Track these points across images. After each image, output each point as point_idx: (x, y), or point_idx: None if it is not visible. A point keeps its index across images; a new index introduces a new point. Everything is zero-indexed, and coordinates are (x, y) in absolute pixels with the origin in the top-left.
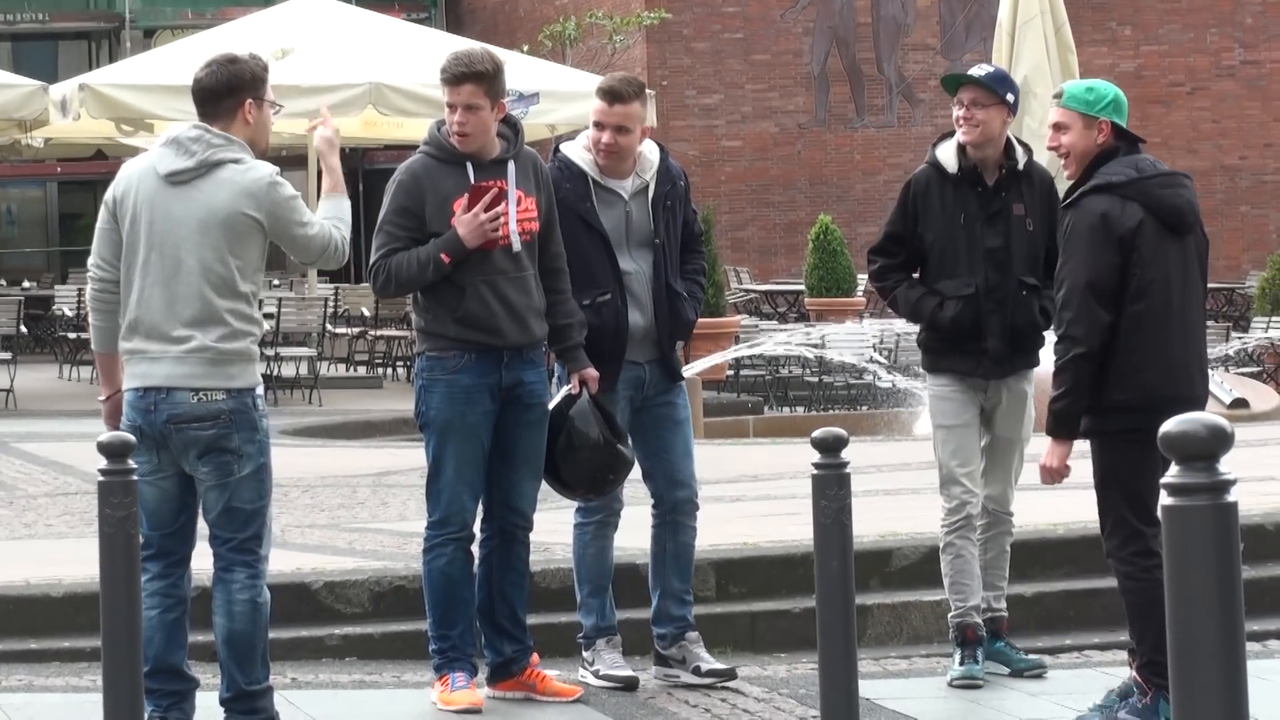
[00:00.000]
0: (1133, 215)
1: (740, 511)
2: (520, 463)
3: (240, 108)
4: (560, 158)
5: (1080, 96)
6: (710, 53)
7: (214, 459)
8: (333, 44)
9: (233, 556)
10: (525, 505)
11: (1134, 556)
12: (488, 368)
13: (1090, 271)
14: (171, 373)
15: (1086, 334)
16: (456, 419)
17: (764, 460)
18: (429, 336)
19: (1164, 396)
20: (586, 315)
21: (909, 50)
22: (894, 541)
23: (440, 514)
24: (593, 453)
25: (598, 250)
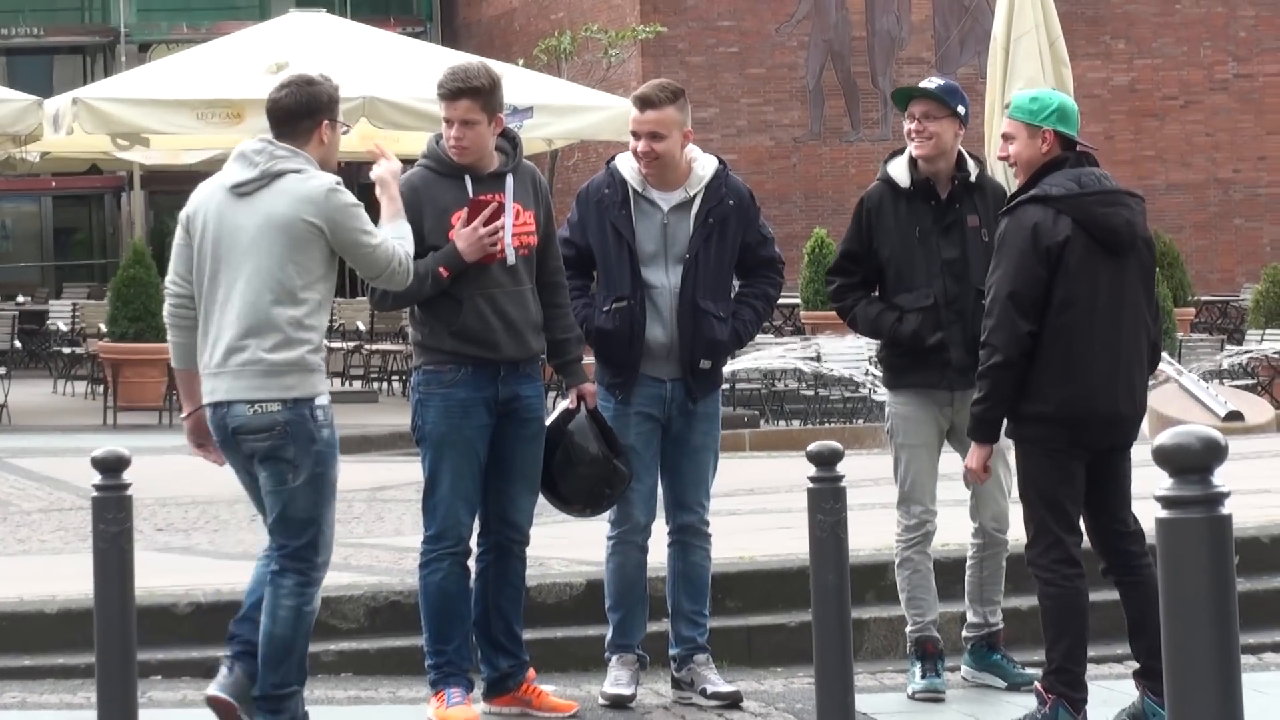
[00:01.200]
0: (1063, 229)
1: (736, 525)
2: (517, 477)
3: (317, 129)
4: (610, 166)
5: (1024, 106)
6: (705, 66)
7: (271, 467)
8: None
9: (285, 562)
10: (522, 520)
11: (1055, 564)
12: (484, 381)
13: (1013, 282)
14: (231, 386)
15: (1005, 343)
16: (453, 433)
17: (760, 474)
18: (425, 350)
19: (1080, 412)
20: (603, 321)
21: (904, 64)
22: (890, 555)
23: (436, 528)
24: (590, 468)
25: (622, 258)
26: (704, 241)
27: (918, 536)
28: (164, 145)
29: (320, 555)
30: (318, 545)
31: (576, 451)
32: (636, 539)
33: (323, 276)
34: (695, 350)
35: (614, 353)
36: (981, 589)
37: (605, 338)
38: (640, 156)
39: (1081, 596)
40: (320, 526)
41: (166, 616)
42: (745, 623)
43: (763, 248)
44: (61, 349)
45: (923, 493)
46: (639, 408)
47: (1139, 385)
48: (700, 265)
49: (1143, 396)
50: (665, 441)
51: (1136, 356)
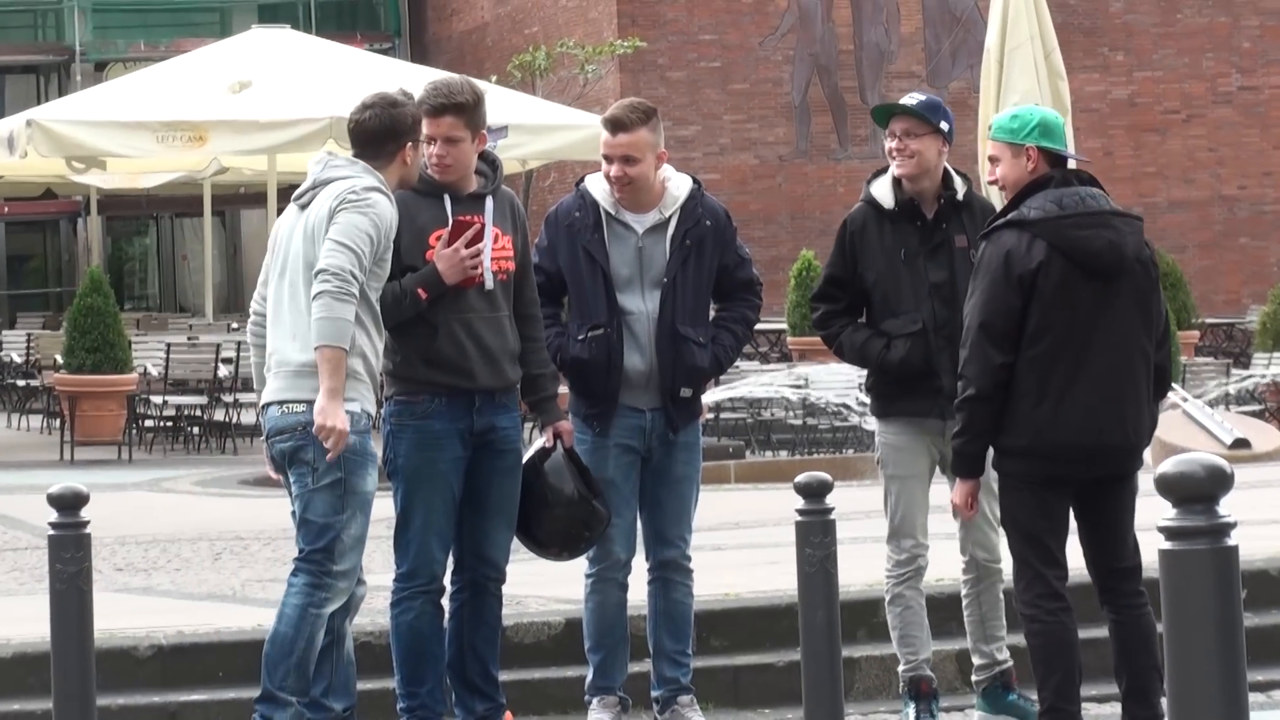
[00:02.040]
0: (1036, 255)
1: (721, 561)
2: (493, 512)
3: (401, 151)
4: (580, 188)
5: (1005, 125)
6: (686, 82)
7: (295, 470)
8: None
9: (299, 564)
10: (498, 556)
11: (1037, 599)
12: (459, 412)
13: (984, 311)
14: (270, 388)
15: (978, 375)
16: (426, 466)
17: (746, 507)
18: (397, 380)
19: (1059, 444)
20: (578, 350)
21: (893, 79)
22: (882, 591)
23: (409, 565)
24: (567, 509)
25: (596, 284)
26: (681, 264)
27: (909, 572)
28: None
29: (337, 563)
30: (334, 552)
31: (552, 493)
32: (617, 576)
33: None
34: (676, 378)
35: (591, 383)
36: (983, 625)
37: (581, 368)
38: (612, 181)
39: (1067, 631)
40: (338, 534)
41: (127, 660)
42: (731, 662)
43: (740, 269)
44: (16, 381)
45: (913, 526)
46: (618, 439)
47: (1133, 414)
48: (679, 289)
49: (1140, 425)
50: (645, 473)
51: (1130, 384)
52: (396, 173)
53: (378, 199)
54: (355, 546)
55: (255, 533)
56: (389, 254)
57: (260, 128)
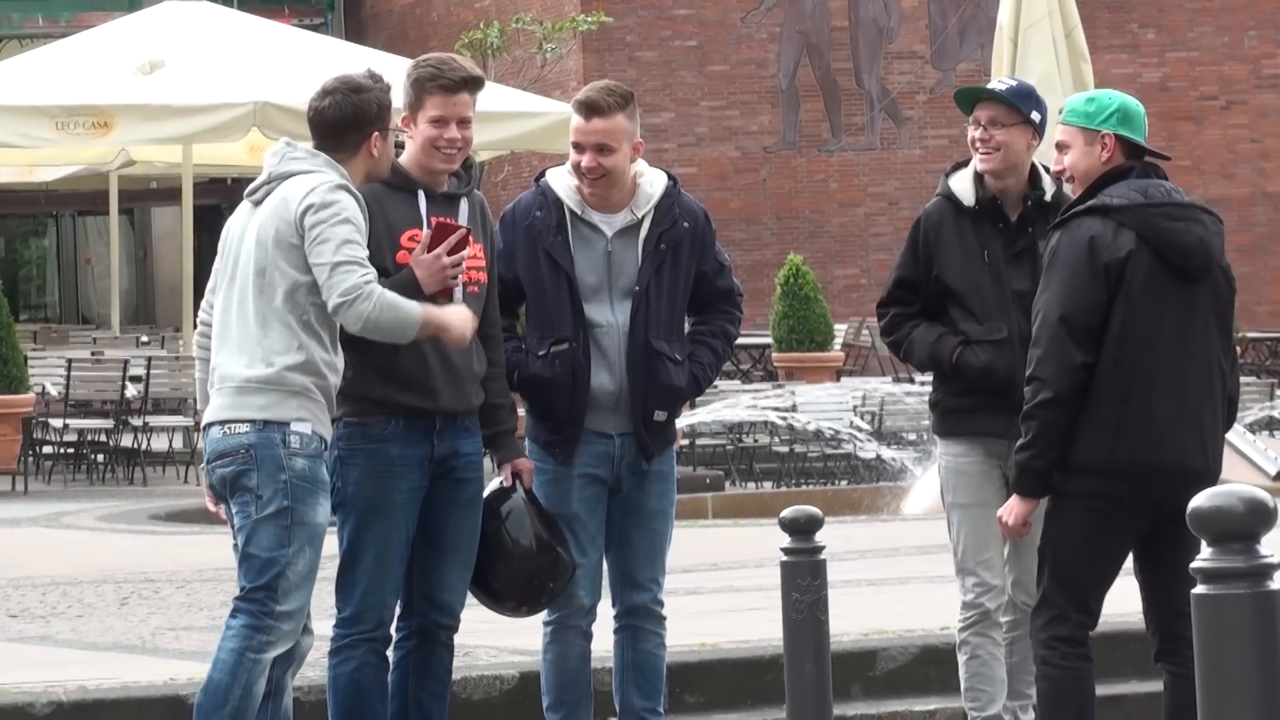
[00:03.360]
0: (1124, 244)
1: (697, 606)
2: (449, 549)
3: (366, 142)
4: (541, 183)
5: (1079, 109)
6: (659, 63)
7: (237, 499)
8: (211, 56)
9: (239, 604)
10: (452, 600)
11: (1055, 641)
12: (417, 437)
13: (1066, 303)
14: (211, 407)
15: (1055, 376)
16: (380, 497)
17: (725, 545)
18: (348, 398)
19: (1137, 462)
20: (539, 367)
21: (893, 59)
22: (879, 640)
23: (353, 609)
24: (524, 560)
25: (560, 292)
26: (655, 271)
27: (975, 615)
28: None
29: (280, 603)
30: (277, 590)
31: (510, 540)
32: (579, 624)
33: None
34: (649, 399)
35: (553, 405)
36: (1010, 679)
37: (543, 387)
38: (584, 173)
39: (1082, 682)
40: (283, 570)
41: (22, 718)
42: None
43: (720, 277)
44: None
45: (979, 561)
46: (583, 469)
47: (1212, 437)
48: (652, 299)
49: (1219, 451)
50: (612, 507)
51: (1209, 402)
52: (362, 166)
53: (344, 199)
54: (302, 585)
55: (167, 574)
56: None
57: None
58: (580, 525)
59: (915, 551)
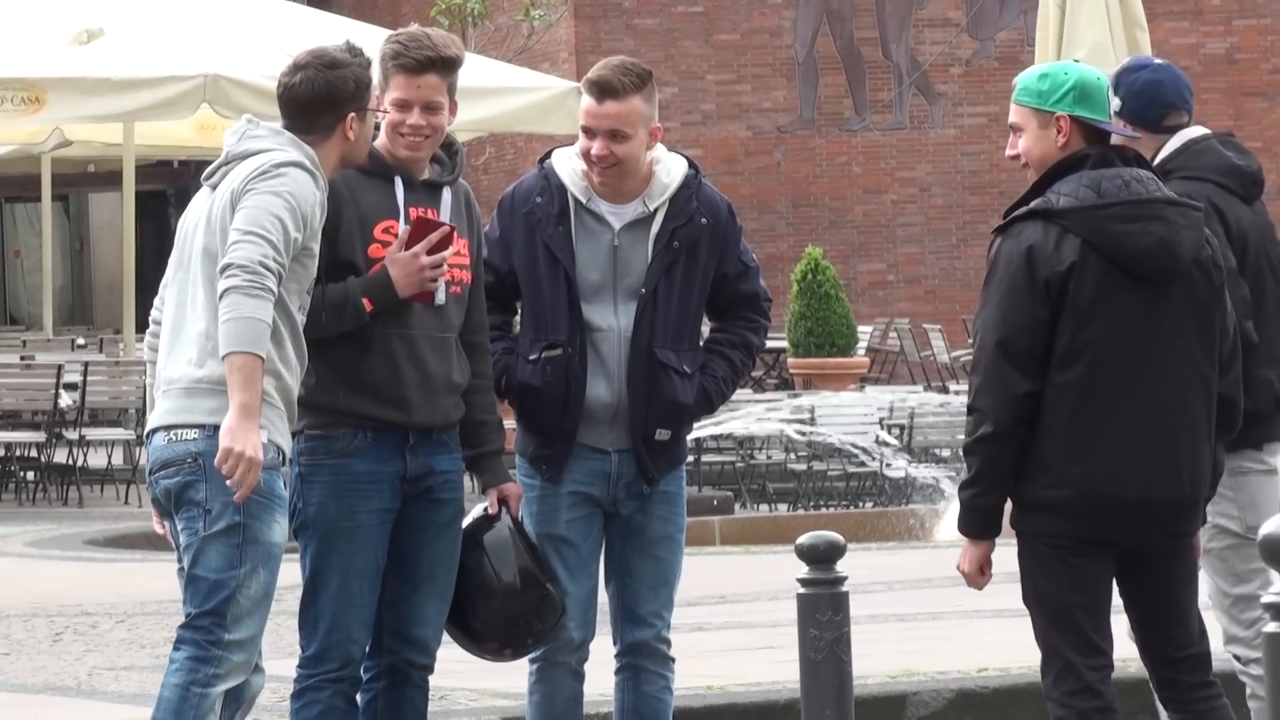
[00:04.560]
0: (1067, 254)
1: (703, 644)
2: (423, 579)
3: (341, 124)
4: (545, 165)
5: (1031, 87)
6: (660, 32)
7: (183, 513)
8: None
9: (183, 633)
10: (427, 636)
11: (1068, 698)
12: (388, 452)
13: (1003, 325)
14: (155, 411)
15: (995, 407)
16: (344, 518)
17: (734, 575)
18: (311, 409)
19: (1099, 496)
20: (529, 374)
21: (924, 27)
22: (909, 684)
23: (318, 647)
24: (508, 598)
25: (557, 290)
26: (666, 271)
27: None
28: None
29: (230, 631)
30: (226, 617)
31: (494, 574)
32: (569, 661)
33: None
34: (649, 415)
35: (544, 416)
36: None
37: (533, 396)
38: (594, 161)
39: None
40: (234, 594)
41: None
42: None
43: (744, 280)
44: None
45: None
46: (574, 487)
47: (1190, 458)
48: (660, 303)
49: (1199, 473)
50: (612, 533)
51: (1185, 421)
52: (336, 150)
53: (295, 175)
54: (255, 611)
55: (105, 607)
56: (315, 245)
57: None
58: (570, 549)
59: (949, 582)
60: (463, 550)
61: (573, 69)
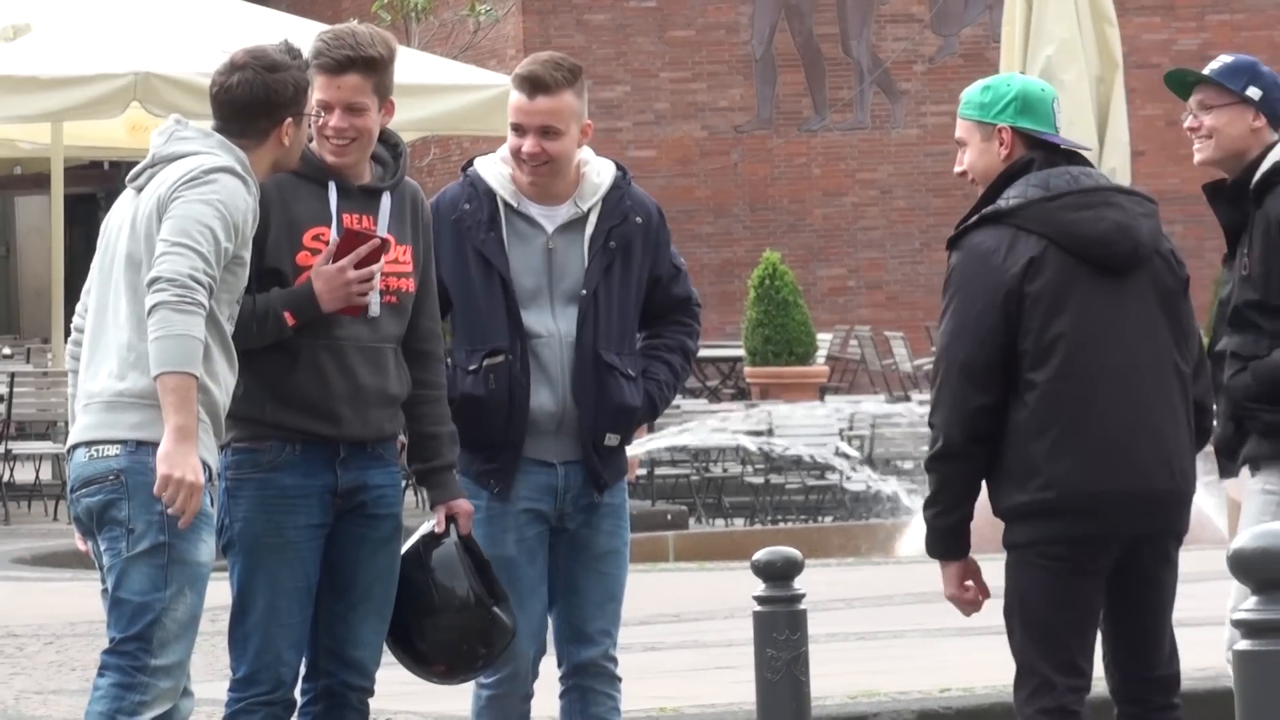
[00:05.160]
0: (1023, 251)
1: (656, 664)
2: (359, 599)
3: (277, 129)
4: (470, 172)
5: (973, 100)
6: (611, 28)
7: (105, 533)
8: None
9: (107, 658)
10: (365, 658)
11: (1041, 715)
12: (318, 465)
13: (961, 340)
14: (76, 426)
15: (948, 423)
16: (272, 534)
17: (689, 593)
18: (237, 421)
19: (1090, 494)
20: (471, 385)
21: (886, 23)
22: (869, 704)
23: (247, 669)
24: (458, 617)
25: (493, 297)
26: (604, 272)
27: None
28: None
29: (156, 656)
30: (152, 641)
31: (441, 594)
32: (518, 688)
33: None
34: (599, 421)
35: (489, 427)
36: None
37: (476, 408)
38: (524, 160)
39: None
40: (159, 618)
41: None
42: None
43: (676, 283)
44: None
45: None
46: (524, 503)
47: (1178, 451)
48: (601, 305)
49: (1187, 468)
50: (556, 549)
51: (1169, 413)
52: (269, 155)
53: (225, 182)
54: (182, 635)
55: (34, 628)
56: (246, 254)
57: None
58: (520, 573)
59: (912, 600)
60: (408, 569)
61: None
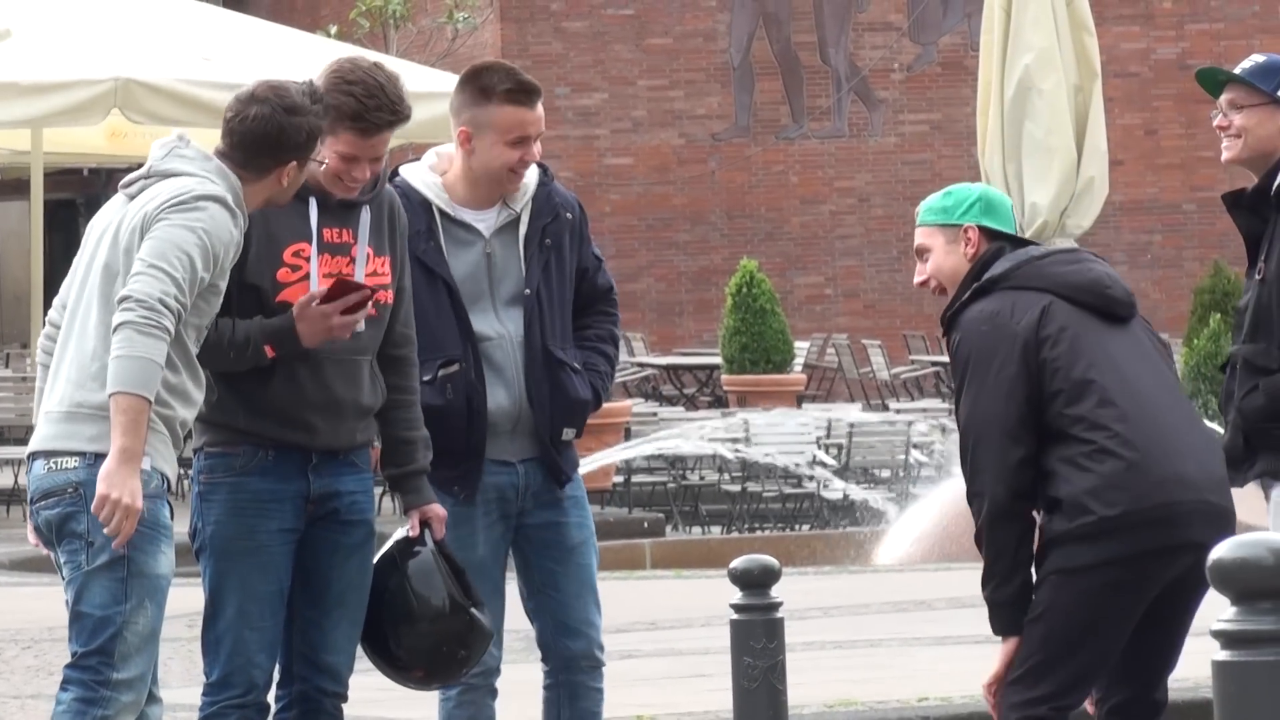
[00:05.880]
0: (1031, 302)
1: (633, 672)
2: (332, 604)
3: (280, 169)
4: (399, 182)
5: (935, 206)
6: (589, 35)
7: (65, 546)
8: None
9: (69, 673)
10: (338, 663)
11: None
12: (289, 470)
13: (986, 404)
14: (36, 434)
15: (990, 484)
16: (244, 538)
17: (665, 600)
18: (210, 426)
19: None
20: (428, 394)
21: (864, 31)
22: (847, 713)
23: (220, 672)
24: (434, 623)
25: (441, 305)
26: (543, 271)
27: None
28: None
29: (118, 670)
30: (114, 655)
31: (418, 600)
32: (490, 684)
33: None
34: (554, 417)
35: (450, 435)
36: None
37: (437, 417)
38: (516, 170)
39: None
40: (120, 631)
41: None
42: None
43: (600, 274)
44: None
45: None
46: (486, 505)
47: (1219, 474)
48: (544, 302)
49: (1229, 490)
50: (525, 546)
51: (1202, 435)
52: (265, 191)
53: (213, 211)
54: (144, 647)
55: (12, 633)
56: (222, 283)
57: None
58: (489, 573)
59: (889, 609)
60: (384, 575)
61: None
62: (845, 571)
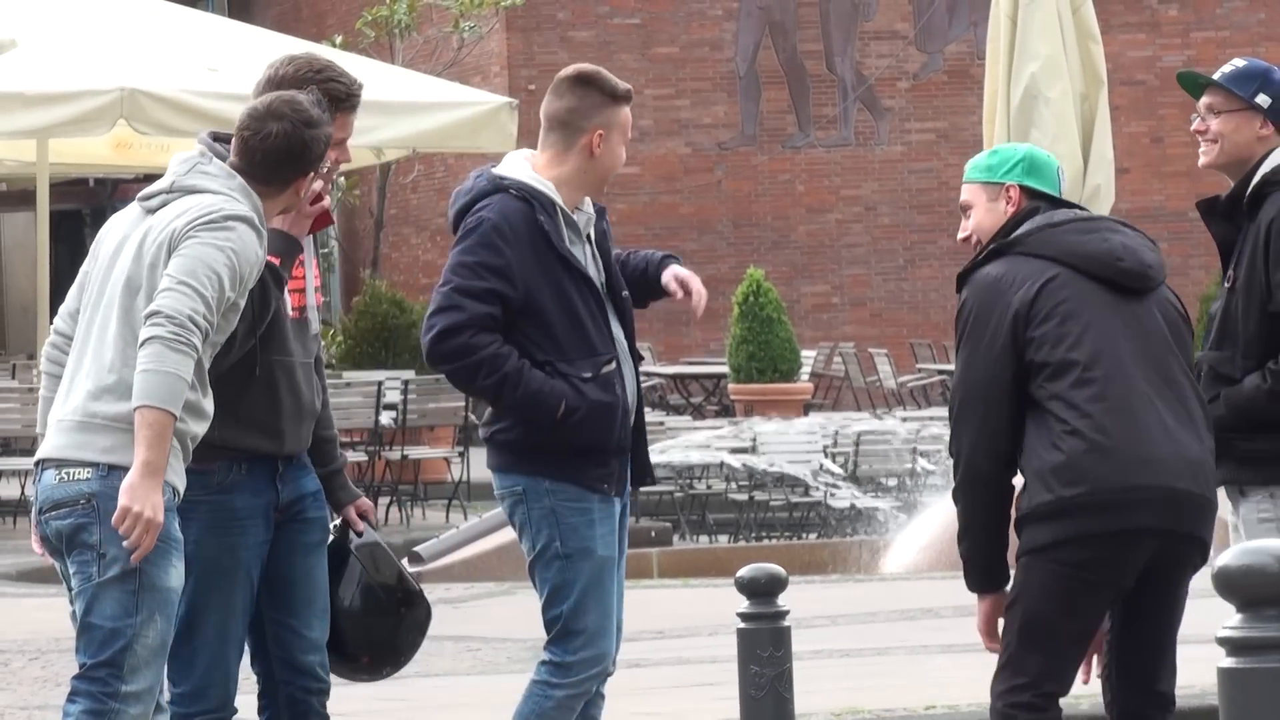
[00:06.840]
0: (1034, 273)
1: (640, 681)
2: (301, 604)
3: (299, 180)
4: (516, 184)
5: (980, 164)
6: (595, 45)
7: (75, 557)
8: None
9: (77, 684)
10: (316, 661)
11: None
12: (262, 483)
13: (975, 367)
14: (46, 443)
15: (969, 446)
16: (224, 555)
17: (673, 609)
18: None
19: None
20: (598, 393)
21: (870, 40)
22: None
23: (193, 684)
24: (380, 615)
25: (589, 302)
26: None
27: None
28: None
29: (127, 682)
30: (123, 667)
31: (364, 591)
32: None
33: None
34: (639, 410)
35: (611, 431)
36: None
37: (605, 413)
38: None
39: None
40: (131, 643)
41: None
42: None
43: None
44: None
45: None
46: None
47: (1198, 462)
48: (628, 301)
49: (1210, 479)
50: None
51: (1188, 424)
52: (283, 203)
53: (242, 232)
54: (153, 660)
55: (19, 644)
56: (243, 302)
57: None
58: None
59: (896, 617)
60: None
61: (504, 83)
62: (852, 580)
